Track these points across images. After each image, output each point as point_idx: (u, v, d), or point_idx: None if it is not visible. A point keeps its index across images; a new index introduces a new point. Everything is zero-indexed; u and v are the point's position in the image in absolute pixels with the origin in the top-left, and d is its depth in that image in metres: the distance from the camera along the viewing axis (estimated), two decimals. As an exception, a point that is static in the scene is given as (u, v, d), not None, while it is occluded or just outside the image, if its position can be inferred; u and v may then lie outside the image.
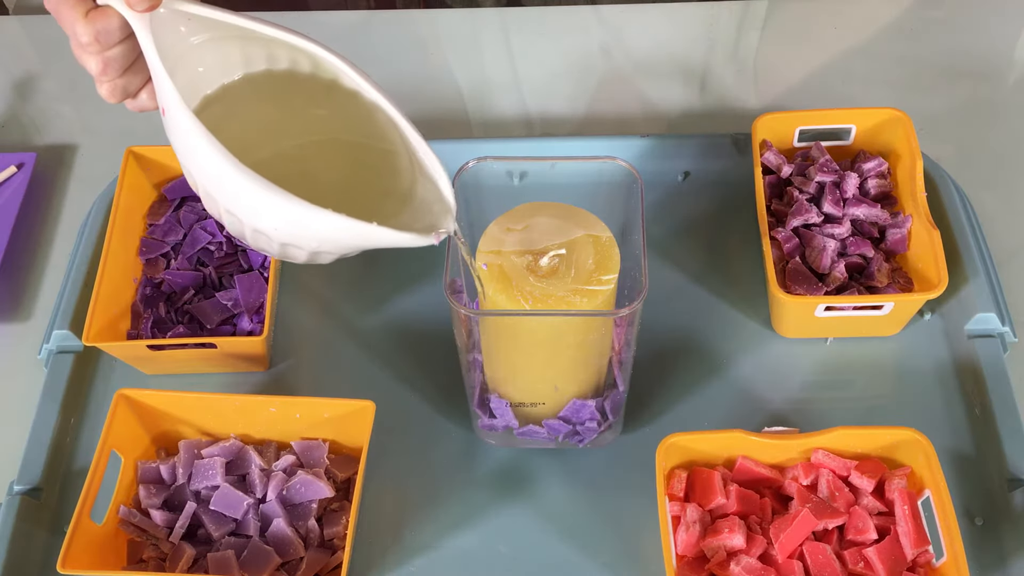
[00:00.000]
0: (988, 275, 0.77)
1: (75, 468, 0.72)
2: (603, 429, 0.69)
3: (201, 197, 0.52)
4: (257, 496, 0.67)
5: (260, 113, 0.56)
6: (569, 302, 0.58)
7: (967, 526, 0.67)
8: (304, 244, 0.51)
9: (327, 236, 0.50)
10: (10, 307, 0.82)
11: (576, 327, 0.60)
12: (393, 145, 0.56)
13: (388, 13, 1.07)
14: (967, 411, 0.73)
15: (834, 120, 0.81)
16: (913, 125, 0.78)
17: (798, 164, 0.81)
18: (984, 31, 0.99)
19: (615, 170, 0.63)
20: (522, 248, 0.60)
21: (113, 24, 0.49)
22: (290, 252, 0.52)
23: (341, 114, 0.56)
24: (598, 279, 0.59)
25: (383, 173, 0.57)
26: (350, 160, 0.57)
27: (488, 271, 0.59)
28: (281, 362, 0.78)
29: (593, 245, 0.60)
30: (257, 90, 0.56)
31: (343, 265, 0.82)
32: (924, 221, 0.74)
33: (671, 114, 0.94)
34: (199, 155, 0.48)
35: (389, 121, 0.55)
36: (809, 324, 0.75)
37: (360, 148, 0.57)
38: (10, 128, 0.96)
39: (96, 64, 0.51)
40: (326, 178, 0.57)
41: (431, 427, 0.73)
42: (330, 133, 0.57)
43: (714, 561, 0.62)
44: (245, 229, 0.51)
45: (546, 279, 0.59)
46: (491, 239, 0.61)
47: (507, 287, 0.58)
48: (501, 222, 0.61)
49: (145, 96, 0.54)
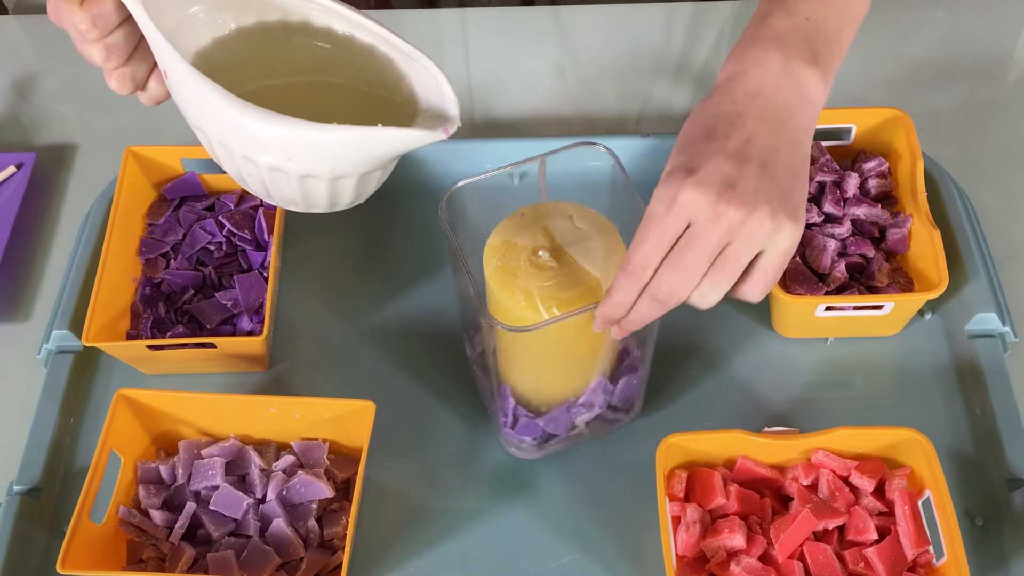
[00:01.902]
0: (988, 275, 0.77)
1: (75, 468, 0.72)
2: (633, 407, 0.70)
3: (217, 153, 0.53)
4: (257, 496, 0.67)
5: (259, 60, 0.57)
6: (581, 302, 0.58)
7: (967, 526, 0.67)
8: (320, 170, 0.51)
9: (339, 153, 0.51)
10: (10, 307, 0.82)
11: None
12: (393, 79, 0.57)
13: (387, 13, 1.07)
14: (967, 411, 0.73)
15: (834, 120, 0.81)
16: (913, 125, 0.78)
17: None
18: (984, 31, 0.99)
19: (615, 171, 0.63)
20: (529, 248, 0.60)
21: (108, 7, 0.51)
22: (310, 187, 0.53)
23: (332, 53, 0.57)
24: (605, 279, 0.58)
25: (383, 104, 0.58)
26: (348, 97, 0.58)
27: (496, 274, 0.59)
28: (281, 362, 0.77)
29: (603, 245, 0.60)
30: (252, 42, 0.57)
31: (343, 265, 0.83)
32: (924, 221, 0.74)
33: (671, 114, 0.94)
34: (207, 105, 0.50)
35: (386, 58, 0.56)
36: (809, 324, 0.75)
37: (357, 87, 0.58)
38: (10, 128, 0.96)
39: (99, 52, 0.52)
40: (331, 112, 0.57)
41: (431, 427, 0.73)
42: (324, 75, 0.58)
43: (714, 561, 0.62)
44: (263, 173, 0.52)
45: (559, 279, 0.58)
46: (499, 238, 0.61)
47: (530, 299, 0.58)
48: (508, 223, 0.61)
49: (155, 84, 0.55)
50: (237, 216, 0.81)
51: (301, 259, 0.83)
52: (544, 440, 0.69)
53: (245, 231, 0.80)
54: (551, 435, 0.69)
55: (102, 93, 0.97)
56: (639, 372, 0.67)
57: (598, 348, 0.63)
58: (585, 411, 0.67)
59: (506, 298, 0.58)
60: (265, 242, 0.80)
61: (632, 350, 0.67)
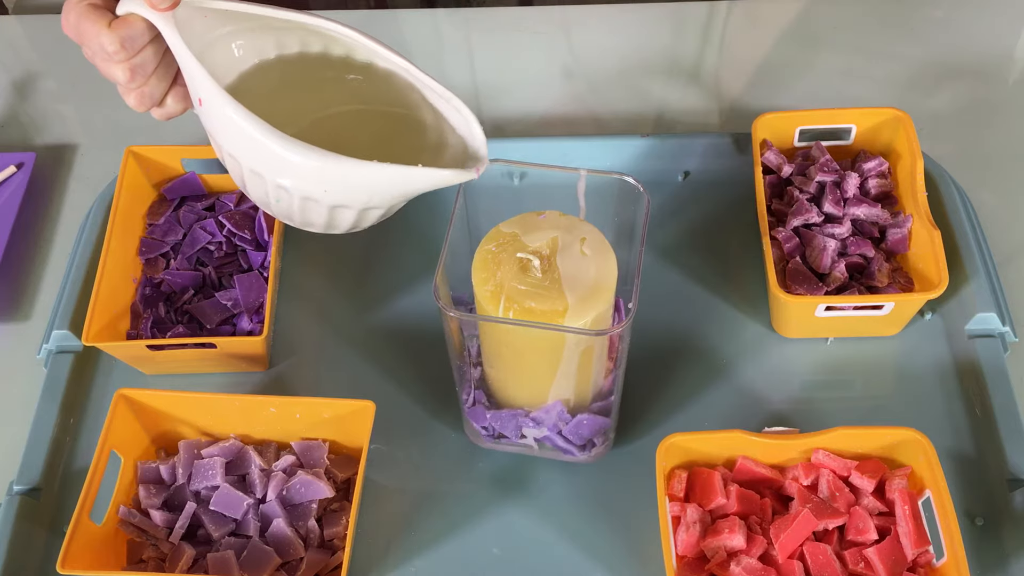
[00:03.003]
0: (988, 275, 0.77)
1: (75, 468, 0.72)
2: (594, 447, 0.69)
3: (246, 179, 0.53)
4: (257, 496, 0.67)
5: (284, 92, 0.58)
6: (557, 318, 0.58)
7: (967, 526, 0.67)
8: (354, 202, 0.52)
9: (376, 188, 0.52)
10: (10, 307, 0.82)
11: (557, 340, 0.60)
12: (415, 106, 0.58)
13: (388, 13, 1.07)
14: (967, 411, 0.73)
15: (834, 120, 0.81)
16: (913, 125, 0.78)
17: (798, 164, 0.81)
18: (984, 31, 0.99)
19: (641, 205, 0.62)
20: (527, 249, 0.60)
21: (137, 29, 0.51)
22: (338, 216, 0.54)
23: (360, 85, 0.58)
24: (586, 300, 0.58)
25: (411, 132, 0.59)
26: (377, 127, 0.60)
27: (482, 255, 0.59)
28: (281, 362, 0.77)
29: (594, 280, 0.59)
30: (276, 73, 0.58)
31: (343, 265, 0.83)
32: (924, 221, 0.74)
33: (671, 114, 0.94)
34: (242, 135, 0.50)
35: (406, 84, 0.57)
36: (810, 324, 0.75)
37: (384, 114, 0.59)
38: (10, 128, 0.96)
39: (124, 72, 0.52)
40: (360, 143, 0.59)
41: (431, 427, 0.73)
42: (353, 104, 0.59)
43: (714, 561, 0.62)
44: (294, 200, 0.52)
45: (533, 288, 0.58)
46: (511, 228, 0.61)
47: (496, 292, 0.58)
48: (527, 218, 0.62)
49: (171, 101, 0.55)
50: (237, 216, 0.81)
51: (301, 259, 0.83)
52: (493, 435, 0.69)
53: (245, 231, 0.80)
54: (501, 433, 0.69)
55: (102, 93, 0.98)
56: (604, 419, 0.67)
57: (553, 371, 0.62)
58: (533, 426, 0.67)
59: (478, 283, 0.59)
60: (265, 242, 0.80)
61: (612, 395, 0.67)
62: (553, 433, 0.67)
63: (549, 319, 0.57)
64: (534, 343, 0.60)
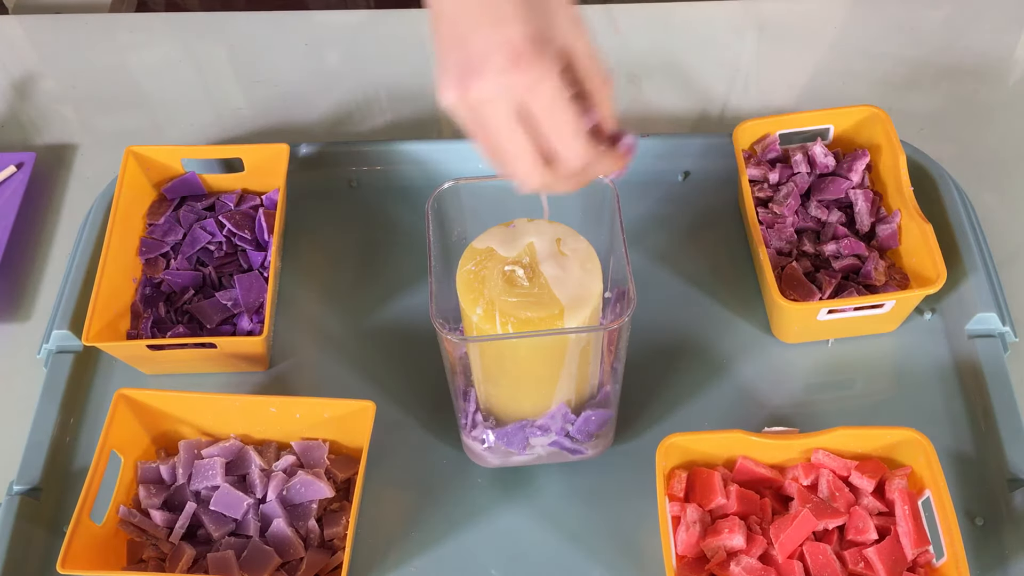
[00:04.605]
0: (988, 275, 0.77)
1: (75, 468, 0.72)
2: (600, 439, 0.69)
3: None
4: (257, 496, 0.67)
5: None
6: (549, 322, 0.57)
7: (967, 526, 0.67)
8: None
9: None
10: (10, 307, 0.82)
11: (559, 344, 0.59)
12: None
13: (388, 13, 1.07)
14: (967, 411, 0.73)
15: (812, 122, 0.81)
16: (891, 120, 0.78)
17: (780, 169, 0.80)
18: (984, 31, 0.99)
19: (613, 199, 0.62)
20: (507, 260, 0.59)
21: None
22: None
23: None
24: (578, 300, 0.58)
25: None
26: None
27: (465, 277, 0.59)
28: (281, 362, 0.77)
29: (579, 275, 0.59)
30: None
31: (343, 266, 0.83)
32: (914, 215, 0.74)
33: (671, 114, 0.94)
34: None
35: None
36: (810, 329, 0.75)
37: None
38: (10, 128, 0.96)
39: None
40: None
41: (431, 427, 0.73)
42: None
43: (714, 561, 0.62)
44: None
45: (524, 298, 0.58)
46: (484, 244, 0.60)
47: (489, 311, 0.58)
48: (497, 231, 0.61)
49: None
50: (237, 216, 0.81)
51: (301, 259, 0.83)
52: (500, 452, 0.69)
53: (245, 231, 0.80)
54: (507, 450, 0.68)
55: (102, 93, 0.98)
56: (607, 410, 0.67)
57: (557, 374, 0.62)
58: (541, 434, 0.67)
59: (467, 305, 0.58)
60: (265, 242, 0.80)
61: (606, 385, 0.67)
62: (561, 436, 0.67)
63: (548, 324, 0.57)
64: (537, 351, 0.60)
